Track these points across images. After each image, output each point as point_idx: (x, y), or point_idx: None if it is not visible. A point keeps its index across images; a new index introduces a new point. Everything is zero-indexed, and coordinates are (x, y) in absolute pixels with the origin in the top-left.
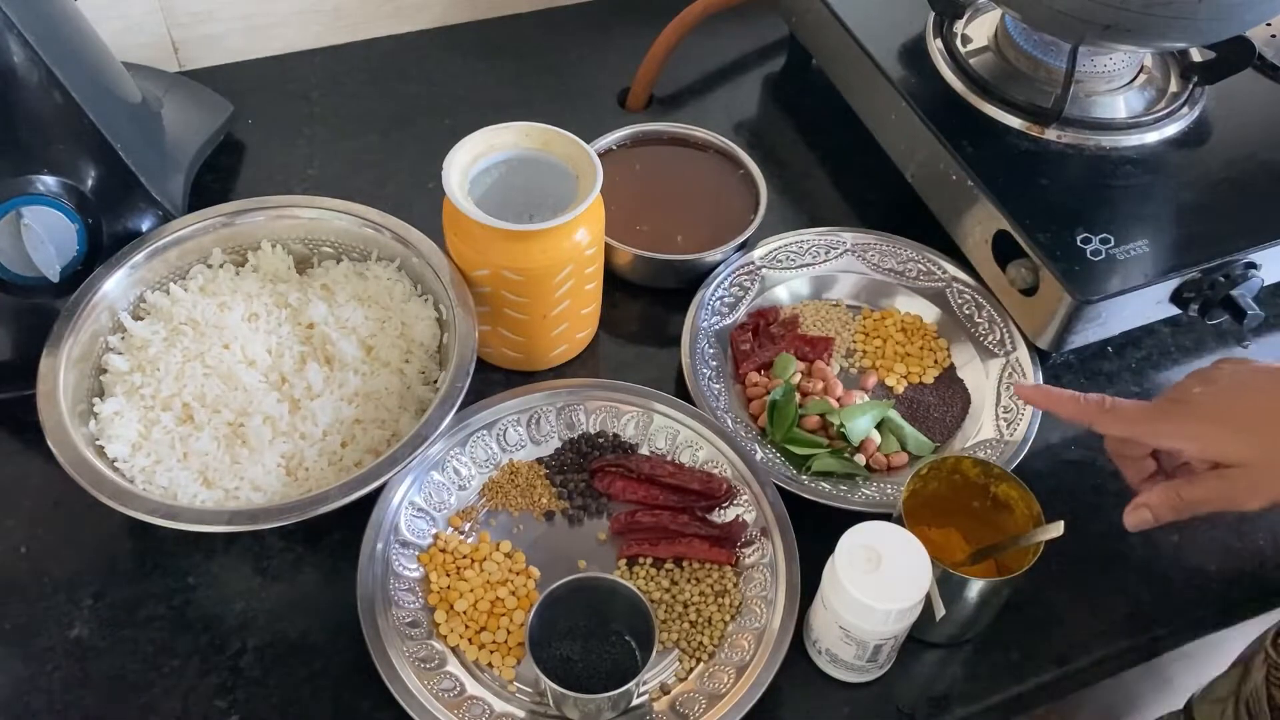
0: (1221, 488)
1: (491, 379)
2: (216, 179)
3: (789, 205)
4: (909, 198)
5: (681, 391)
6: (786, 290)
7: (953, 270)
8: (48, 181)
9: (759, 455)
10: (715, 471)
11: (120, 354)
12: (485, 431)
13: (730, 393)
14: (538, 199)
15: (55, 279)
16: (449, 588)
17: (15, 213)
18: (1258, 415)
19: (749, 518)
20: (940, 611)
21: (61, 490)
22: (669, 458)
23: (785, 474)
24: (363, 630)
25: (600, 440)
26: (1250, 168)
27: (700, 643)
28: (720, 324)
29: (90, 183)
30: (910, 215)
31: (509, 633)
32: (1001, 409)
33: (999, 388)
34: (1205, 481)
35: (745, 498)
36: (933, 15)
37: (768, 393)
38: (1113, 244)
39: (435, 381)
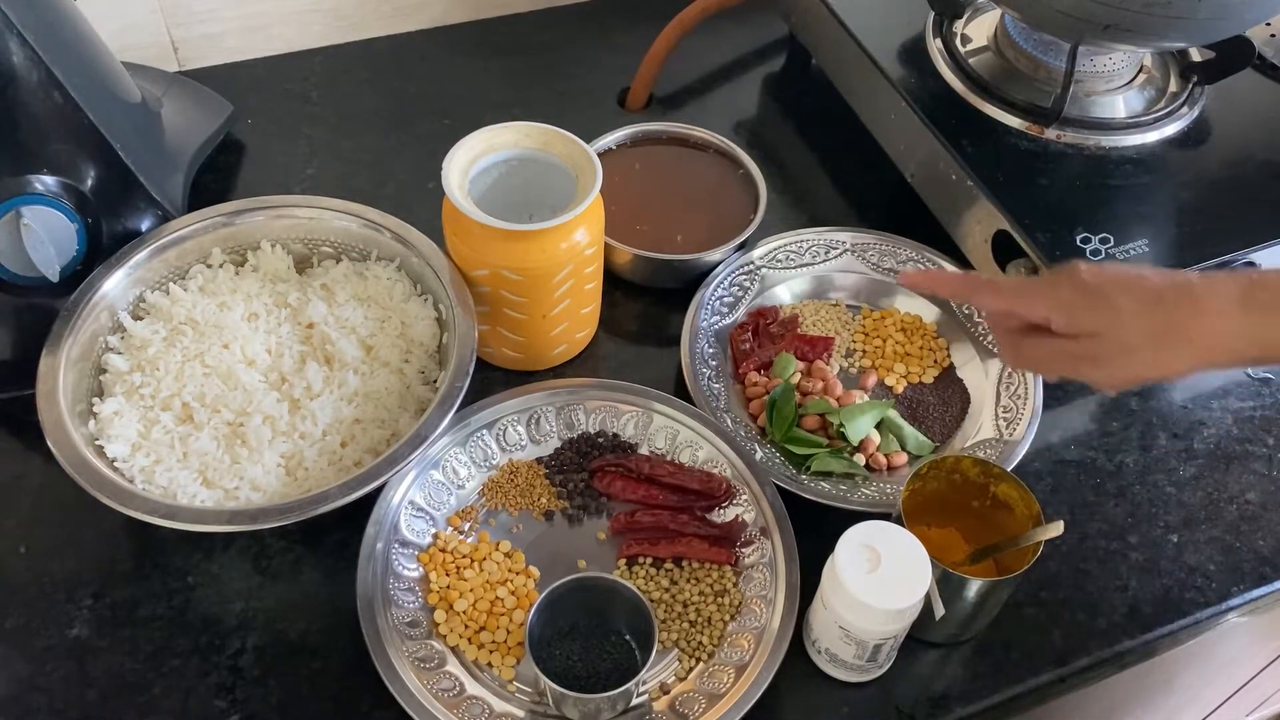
0: (1070, 350)
1: (491, 379)
2: (216, 179)
3: (789, 205)
4: (909, 198)
5: (681, 391)
6: (786, 290)
7: (953, 270)
8: (47, 181)
9: (759, 455)
10: (715, 471)
11: (120, 354)
12: (485, 431)
13: (730, 392)
14: (537, 199)
15: (55, 279)
16: (448, 587)
17: (15, 213)
18: (1126, 294)
19: (748, 517)
20: (940, 611)
21: (61, 490)
22: (668, 457)
23: (785, 473)
24: (362, 630)
25: (600, 440)
26: (1250, 168)
27: (700, 642)
28: (720, 324)
29: (90, 183)
30: (910, 215)
31: (508, 632)
32: (1001, 409)
33: (999, 388)
34: (1056, 342)
35: (745, 497)
36: (932, 15)
37: (767, 392)
38: (1112, 244)
39: (435, 381)
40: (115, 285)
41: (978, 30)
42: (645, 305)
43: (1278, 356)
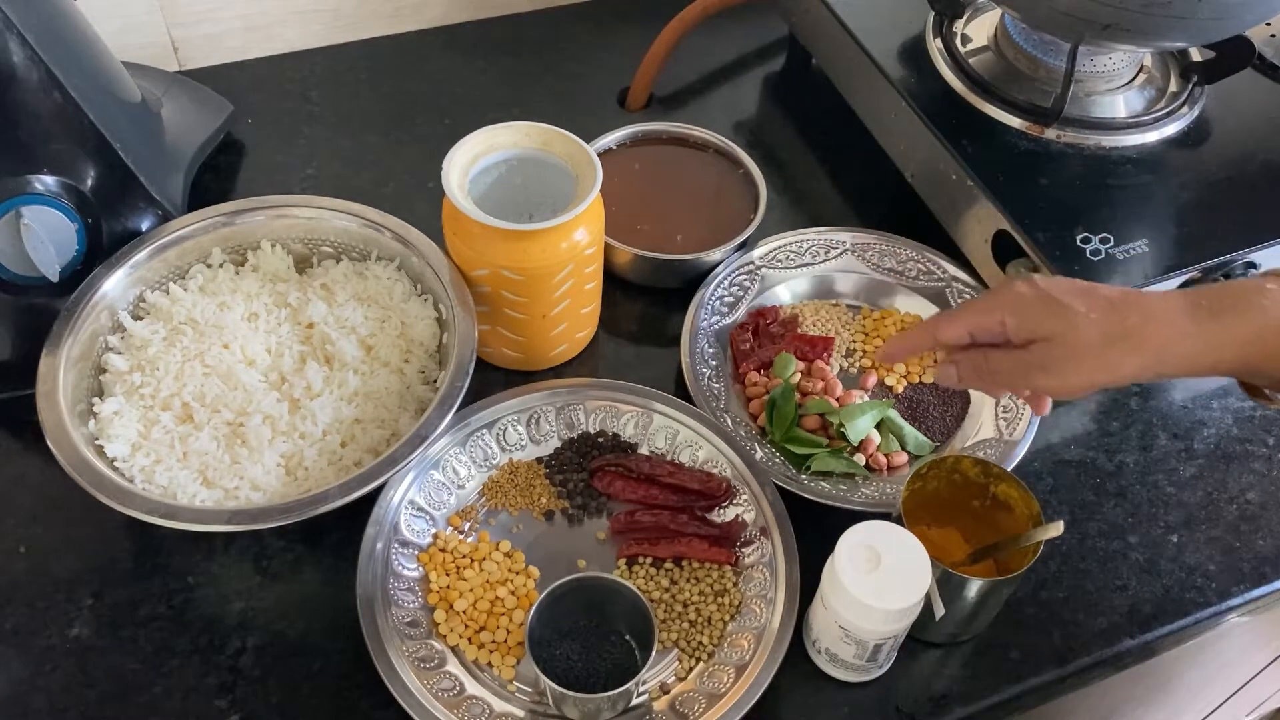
0: (1023, 359)
1: (491, 379)
2: (216, 179)
3: (789, 205)
4: (909, 198)
5: (681, 391)
6: (786, 290)
7: (952, 270)
8: (47, 181)
9: (758, 455)
10: (715, 471)
11: (120, 354)
12: (485, 431)
13: (730, 392)
14: (537, 199)
15: (55, 279)
16: (448, 587)
17: (15, 213)
18: (1080, 299)
19: (748, 517)
20: (940, 611)
21: (61, 490)
22: (668, 457)
23: (785, 473)
24: (362, 630)
25: (600, 440)
26: (1250, 168)
27: (700, 642)
28: (720, 324)
29: (90, 182)
30: (910, 215)
31: (508, 632)
32: (1001, 409)
33: None
34: (1012, 353)
35: (745, 497)
36: (932, 15)
37: (767, 392)
38: (1112, 244)
39: (435, 381)
40: (115, 285)
41: (978, 30)
42: (645, 305)
43: (1227, 363)
